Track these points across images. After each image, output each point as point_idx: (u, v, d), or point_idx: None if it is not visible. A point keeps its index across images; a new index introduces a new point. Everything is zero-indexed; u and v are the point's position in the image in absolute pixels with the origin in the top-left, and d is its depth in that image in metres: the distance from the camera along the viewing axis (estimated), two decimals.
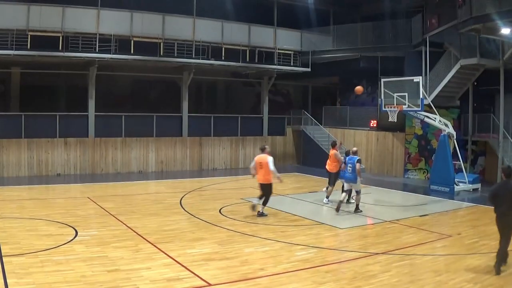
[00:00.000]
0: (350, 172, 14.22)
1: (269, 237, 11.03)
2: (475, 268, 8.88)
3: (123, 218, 12.56)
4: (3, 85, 23.28)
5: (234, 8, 23.35)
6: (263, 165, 13.12)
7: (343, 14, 26.82)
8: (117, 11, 20.63)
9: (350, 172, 14.22)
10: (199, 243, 10.39)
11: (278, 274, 8.45)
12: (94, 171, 21.65)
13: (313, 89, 31.77)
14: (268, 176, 13.10)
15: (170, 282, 7.87)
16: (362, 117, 25.97)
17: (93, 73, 21.05)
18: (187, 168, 24.06)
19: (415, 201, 16.60)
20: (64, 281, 7.66)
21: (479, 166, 22.57)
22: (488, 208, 15.32)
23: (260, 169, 13.20)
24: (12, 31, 18.47)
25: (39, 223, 11.76)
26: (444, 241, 11.08)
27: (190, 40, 22.06)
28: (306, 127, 27.52)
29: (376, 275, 8.48)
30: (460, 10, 17.21)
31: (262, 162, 13.17)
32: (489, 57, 19.63)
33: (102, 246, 9.84)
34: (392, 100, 18.83)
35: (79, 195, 16.15)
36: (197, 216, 13.14)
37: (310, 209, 14.64)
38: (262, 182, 13.26)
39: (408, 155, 22.82)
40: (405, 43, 23.45)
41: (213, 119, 24.86)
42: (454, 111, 22.50)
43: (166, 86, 26.14)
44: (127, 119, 22.45)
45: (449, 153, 18.52)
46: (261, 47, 24.34)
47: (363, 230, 12.35)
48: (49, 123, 20.71)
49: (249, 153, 25.91)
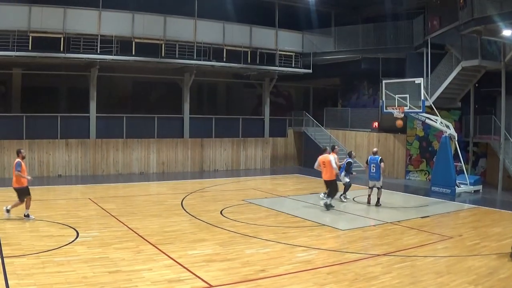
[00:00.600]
0: (373, 172, 15.26)
1: (271, 238, 11.02)
2: (477, 270, 8.86)
3: (124, 219, 12.57)
4: (4, 86, 23.33)
5: (235, 10, 23.37)
6: (326, 164, 14.36)
7: (345, 16, 26.87)
8: (118, 12, 20.64)
9: (373, 171, 15.27)
10: (200, 244, 10.39)
11: (279, 275, 8.44)
12: (95, 172, 21.66)
13: (314, 91, 31.77)
14: (331, 173, 14.35)
15: (171, 283, 7.87)
16: (363, 118, 26.01)
17: (94, 74, 21.07)
18: (188, 170, 24.07)
19: (416, 203, 16.59)
20: (65, 282, 7.66)
21: (480, 167, 22.56)
22: (489, 209, 15.38)
23: (324, 168, 14.45)
24: (14, 32, 18.49)
25: (40, 224, 11.77)
26: (446, 242, 11.06)
27: (192, 42, 22.07)
28: (307, 129, 27.53)
29: (377, 276, 8.47)
30: (461, 11, 17.22)
31: (325, 161, 14.41)
32: (491, 58, 19.62)
33: (103, 247, 9.83)
34: (394, 102, 18.81)
35: (80, 196, 16.16)
36: (198, 218, 13.13)
37: (311, 211, 14.62)
38: (326, 179, 14.53)
39: (410, 157, 22.82)
40: (407, 44, 23.48)
41: (214, 121, 24.86)
42: (456, 112, 22.49)
43: (167, 88, 26.17)
44: (128, 120, 22.46)
45: (451, 154, 18.49)
46: (263, 48, 24.35)
47: (364, 232, 12.33)
48: (50, 124, 20.73)
49: (250, 154, 25.95)
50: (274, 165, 27.19)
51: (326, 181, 14.55)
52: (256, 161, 26.26)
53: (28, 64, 21.16)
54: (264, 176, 23.98)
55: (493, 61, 19.48)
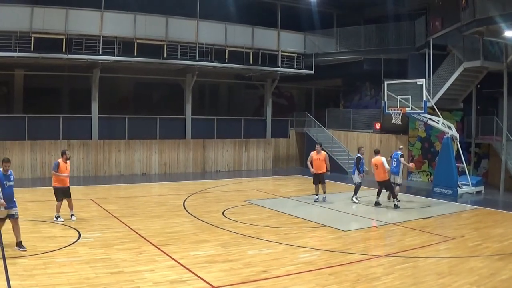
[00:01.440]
0: (394, 166, 16.02)
1: (272, 239, 11.02)
2: (479, 271, 8.85)
3: (126, 220, 12.58)
4: (6, 87, 23.36)
5: (237, 10, 23.40)
6: (379, 166, 15.04)
7: (347, 17, 26.86)
8: (120, 13, 20.65)
9: (394, 165, 16.02)
10: (202, 245, 10.40)
11: (281, 276, 8.44)
12: (97, 173, 21.68)
13: (316, 92, 31.76)
14: (383, 174, 15.06)
15: (173, 284, 7.87)
16: (365, 119, 25.99)
17: (96, 75, 21.09)
18: (190, 170, 24.08)
19: (418, 204, 16.57)
20: (67, 283, 7.67)
21: (482, 168, 22.51)
22: (491, 210, 15.36)
23: (376, 169, 15.15)
24: (16, 33, 18.49)
25: (42, 225, 11.79)
26: (447, 243, 11.05)
27: (193, 42, 22.06)
28: (309, 130, 27.52)
29: (379, 277, 8.47)
30: (463, 12, 17.19)
31: (377, 163, 15.08)
32: (493, 59, 19.59)
33: (105, 248, 9.85)
34: (396, 103, 18.82)
35: (82, 197, 16.15)
36: (200, 218, 13.14)
37: (313, 212, 14.63)
38: (379, 180, 15.25)
39: (412, 158, 22.78)
40: (409, 45, 23.46)
41: (216, 122, 24.86)
42: (458, 113, 22.46)
43: (169, 88, 26.18)
44: (131, 121, 22.47)
45: (452, 155, 18.47)
46: (265, 49, 24.34)
47: (366, 233, 12.34)
48: (52, 125, 20.74)
49: (252, 155, 25.96)
50: (276, 166, 27.18)
51: (380, 182, 15.26)
52: (258, 162, 26.26)
53: (30, 65, 21.19)
54: (266, 177, 24.00)
55: (495, 62, 19.45)
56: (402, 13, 23.74)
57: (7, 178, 9.68)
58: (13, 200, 9.67)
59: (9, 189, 9.63)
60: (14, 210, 9.60)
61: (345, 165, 24.59)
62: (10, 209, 9.54)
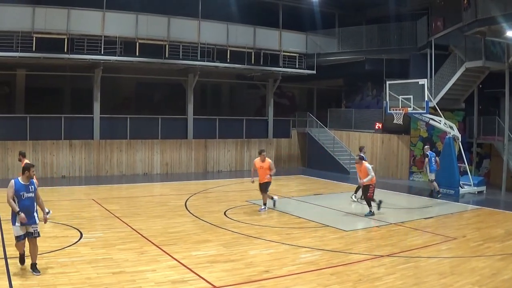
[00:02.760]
0: (433, 164, 17.44)
1: (274, 239, 11.02)
2: (480, 271, 8.85)
3: (128, 220, 12.59)
4: (8, 87, 23.38)
5: (239, 10, 23.39)
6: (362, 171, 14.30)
7: (348, 17, 26.85)
8: (122, 13, 20.66)
9: (434, 164, 17.46)
10: (204, 245, 10.40)
11: (283, 276, 8.44)
12: (99, 173, 21.69)
13: (318, 92, 31.75)
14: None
15: (175, 284, 7.88)
16: (367, 119, 25.98)
17: (98, 75, 21.11)
18: (192, 170, 24.09)
19: (420, 204, 16.56)
20: (69, 283, 7.68)
21: (484, 168, 22.49)
22: (493, 210, 15.34)
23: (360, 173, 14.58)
24: (17, 33, 18.52)
25: (44, 225, 11.76)
26: (449, 243, 11.05)
27: (195, 42, 22.07)
28: (311, 130, 27.52)
29: (381, 277, 8.46)
30: (465, 12, 17.17)
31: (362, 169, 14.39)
32: (494, 59, 19.56)
33: (107, 248, 9.86)
34: (397, 103, 18.81)
35: (84, 197, 16.18)
36: (202, 218, 13.14)
37: (315, 212, 14.62)
38: None
39: (413, 158, 22.77)
40: (410, 45, 23.45)
41: (218, 122, 24.87)
42: (459, 113, 22.44)
43: (171, 88, 26.21)
44: (132, 121, 22.49)
45: (454, 155, 18.46)
46: (266, 49, 24.33)
47: (368, 233, 12.33)
48: (54, 125, 20.77)
49: (254, 155, 25.83)
50: (278, 166, 26.96)
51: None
52: None
53: (32, 65, 21.22)
54: None
55: (497, 62, 19.42)
56: (404, 13, 23.71)
57: (26, 189, 8.13)
58: (33, 215, 8.18)
59: (27, 201, 8.07)
60: (33, 227, 8.16)
61: (346, 165, 24.58)
62: (29, 226, 8.10)
